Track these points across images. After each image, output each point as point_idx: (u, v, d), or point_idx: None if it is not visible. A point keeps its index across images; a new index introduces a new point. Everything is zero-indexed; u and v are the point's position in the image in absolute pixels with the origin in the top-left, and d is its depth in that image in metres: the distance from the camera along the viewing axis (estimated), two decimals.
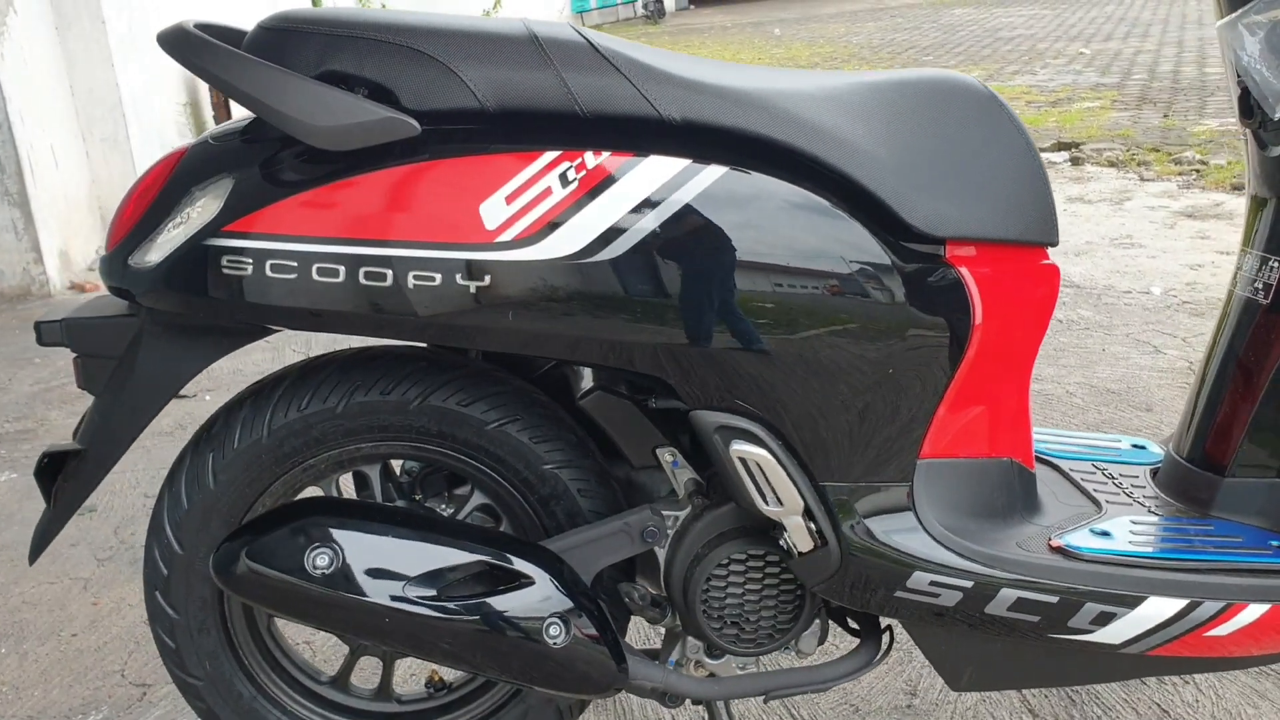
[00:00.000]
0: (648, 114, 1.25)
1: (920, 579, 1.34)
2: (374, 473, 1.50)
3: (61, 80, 5.07)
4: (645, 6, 19.36)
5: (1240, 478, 1.52)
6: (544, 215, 1.22)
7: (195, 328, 1.36)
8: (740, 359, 1.27)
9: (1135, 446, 1.74)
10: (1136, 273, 4.15)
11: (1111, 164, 5.98)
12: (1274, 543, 1.44)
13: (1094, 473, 1.63)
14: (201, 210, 1.27)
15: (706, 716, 1.70)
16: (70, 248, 4.96)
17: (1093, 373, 3.21)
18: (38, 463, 1.41)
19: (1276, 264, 1.49)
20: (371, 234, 1.23)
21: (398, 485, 1.55)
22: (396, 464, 1.56)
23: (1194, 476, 1.57)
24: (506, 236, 1.22)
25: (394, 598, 1.31)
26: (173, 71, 7.05)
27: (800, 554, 1.35)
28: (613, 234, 1.22)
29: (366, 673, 1.71)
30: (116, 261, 1.33)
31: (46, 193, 4.69)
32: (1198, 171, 5.64)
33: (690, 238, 1.23)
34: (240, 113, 1.35)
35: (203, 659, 1.50)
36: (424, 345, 1.52)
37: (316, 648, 2.05)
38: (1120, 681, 1.83)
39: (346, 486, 1.53)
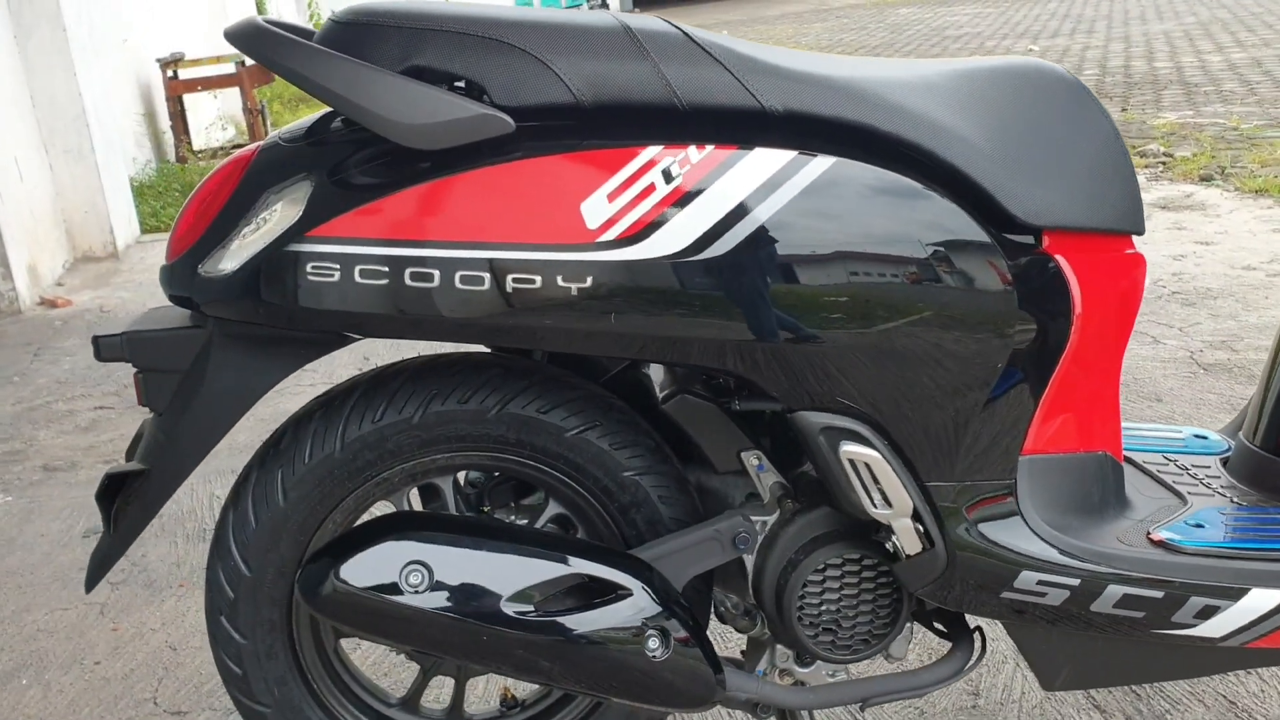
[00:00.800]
0: (750, 106, 1.21)
1: (1028, 578, 1.31)
2: (446, 485, 1.45)
3: (22, 90, 4.93)
4: (590, 8, 19.34)
5: None
6: (648, 213, 1.17)
7: (269, 338, 1.30)
8: (848, 356, 1.23)
9: (1197, 436, 1.72)
10: None
11: None
12: None
13: (1167, 464, 1.61)
14: (279, 215, 1.21)
15: None
16: (38, 262, 4.83)
17: None
18: (100, 485, 1.34)
19: None
20: (467, 236, 1.18)
21: (464, 497, 1.49)
22: (460, 477, 1.51)
23: (1271, 465, 1.55)
24: (609, 236, 1.17)
25: (491, 614, 1.26)
26: (129, 81, 6.91)
27: (907, 556, 1.31)
28: (720, 230, 1.18)
29: (437, 692, 1.65)
30: (183, 270, 1.27)
31: (13, 207, 4.56)
32: (1164, 164, 5.70)
33: (800, 231, 1.19)
34: (200, 118, 1.29)
35: (271, 685, 1.43)
36: (489, 350, 1.48)
37: (380, 668, 1.98)
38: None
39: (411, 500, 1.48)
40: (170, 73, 7.33)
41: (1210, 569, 1.34)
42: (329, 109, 1.29)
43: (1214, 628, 1.35)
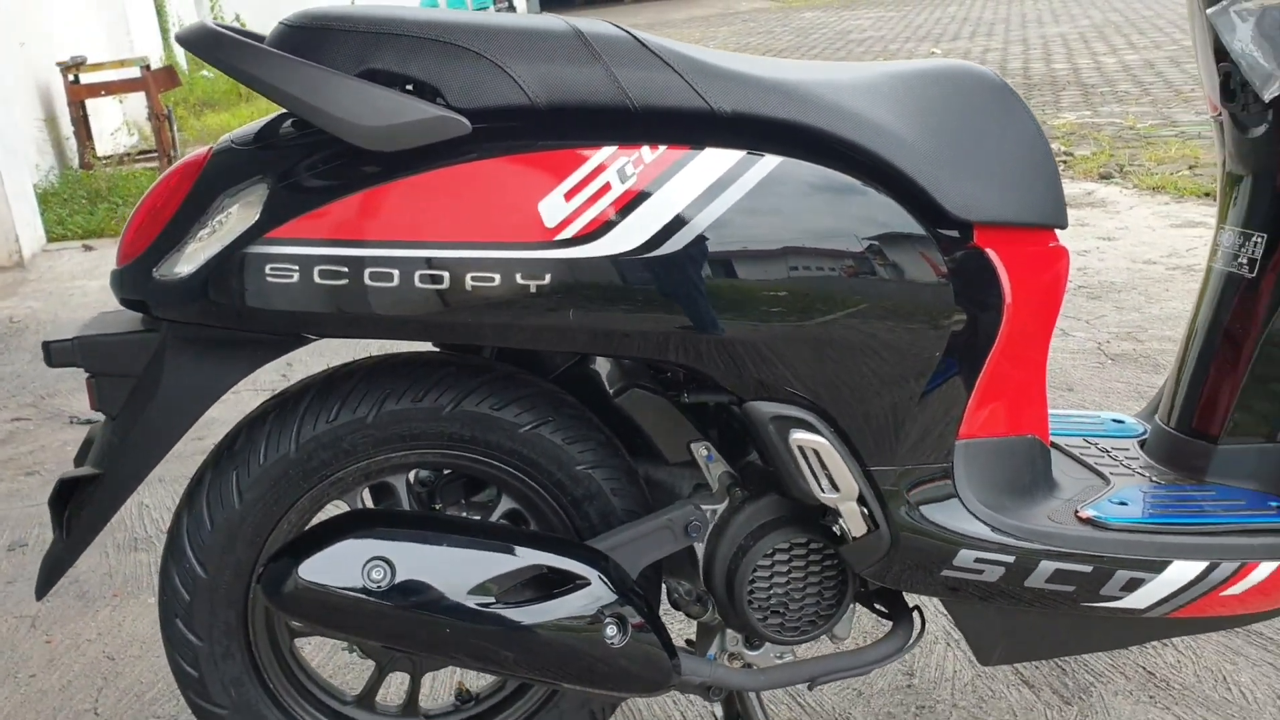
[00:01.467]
0: (699, 107, 1.25)
1: (966, 556, 1.37)
2: (400, 483, 1.46)
3: None
4: (497, 10, 19.29)
5: (1232, 444, 1.59)
6: (604, 211, 1.21)
7: (223, 341, 1.31)
8: (795, 348, 1.28)
9: (1115, 421, 1.81)
10: None
11: None
12: (1273, 503, 1.52)
13: (1088, 447, 1.69)
14: (235, 218, 1.23)
15: (723, 713, 1.72)
16: None
17: None
18: (52, 491, 1.34)
19: (1260, 239, 1.57)
20: (425, 236, 1.20)
21: (416, 496, 1.51)
22: (411, 476, 1.52)
23: (1186, 445, 1.64)
24: (567, 234, 1.21)
25: (454, 607, 1.29)
26: (28, 86, 6.74)
27: (853, 539, 1.37)
28: (674, 227, 1.22)
29: (392, 689, 1.66)
30: (136, 275, 1.27)
31: None
32: (1064, 163, 5.89)
33: (749, 228, 1.24)
34: (103, 124, 1.30)
35: (228, 686, 1.44)
36: (439, 349, 1.50)
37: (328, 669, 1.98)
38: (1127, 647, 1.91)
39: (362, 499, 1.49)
40: (72, 77, 7.17)
41: (1134, 544, 1.42)
42: (278, 113, 1.31)
43: (1139, 599, 1.42)
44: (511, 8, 19.33)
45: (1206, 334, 1.65)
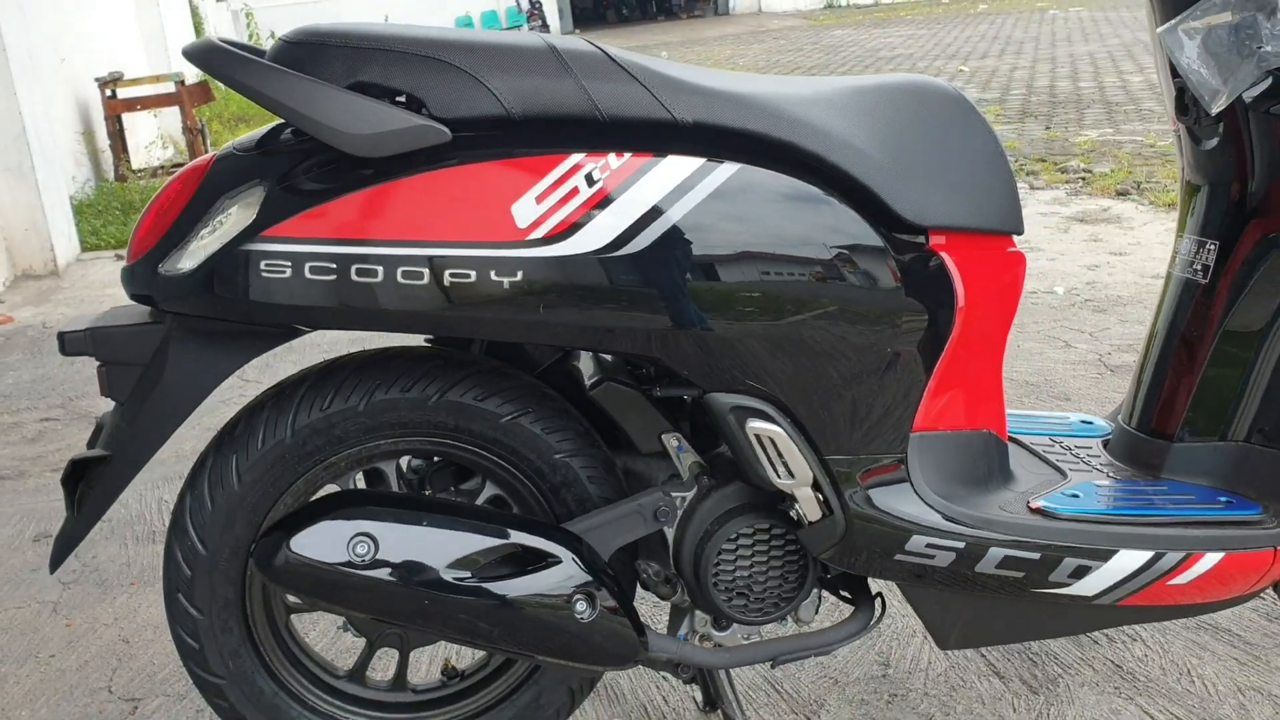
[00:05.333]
0: (663, 118, 1.34)
1: (918, 542, 1.45)
2: (390, 470, 1.56)
3: None
4: (531, 29, 19.48)
5: (1187, 442, 1.66)
6: (572, 213, 1.30)
7: (224, 333, 1.41)
8: (753, 344, 1.37)
9: (1084, 421, 1.88)
10: (1039, 274, 4.36)
11: None
12: (1222, 498, 1.59)
13: (1052, 445, 1.77)
14: (234, 218, 1.33)
15: (701, 697, 1.80)
16: None
17: (1011, 368, 3.39)
18: (64, 470, 1.44)
19: (1212, 246, 1.65)
20: (408, 235, 1.30)
21: (407, 483, 1.61)
22: (404, 463, 1.62)
23: (1144, 444, 1.71)
24: (538, 234, 1.30)
25: (433, 581, 1.38)
26: (67, 100, 6.93)
27: (810, 523, 1.45)
28: (637, 229, 1.31)
29: (383, 664, 1.76)
30: (143, 271, 1.38)
31: None
32: (1083, 179, 5.93)
33: (707, 231, 1.33)
34: (139, 137, 1.40)
35: (226, 657, 1.53)
36: (432, 345, 1.60)
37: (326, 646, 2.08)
38: (1089, 634, 1.98)
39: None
40: (109, 92, 7.36)
41: (1082, 533, 1.49)
42: (278, 122, 1.41)
43: (1087, 586, 1.50)
44: (545, 27, 19.52)
45: (1165, 338, 1.72)
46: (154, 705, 1.98)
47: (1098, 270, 4.39)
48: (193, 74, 7.80)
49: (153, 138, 8.47)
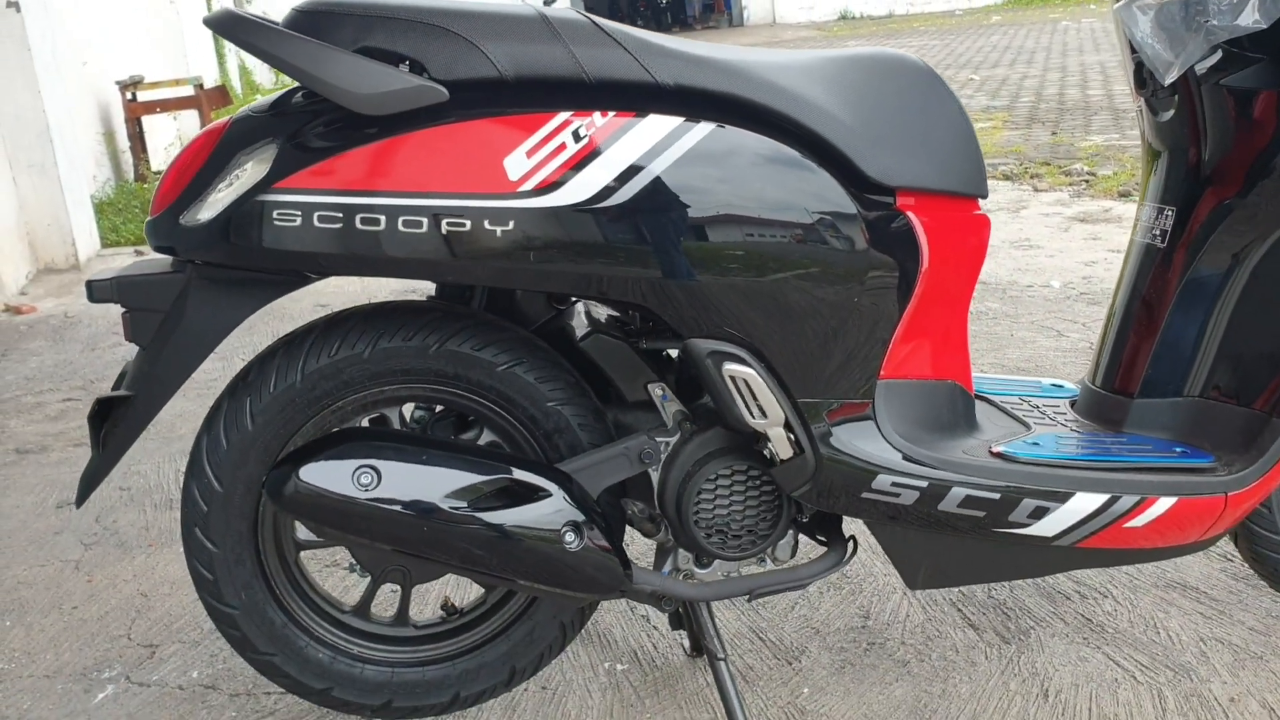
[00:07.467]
0: (645, 80, 1.45)
1: (883, 480, 1.55)
2: (394, 416, 1.67)
3: None
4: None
5: (1146, 398, 1.76)
6: (560, 167, 1.41)
7: (239, 280, 1.52)
8: (727, 292, 1.47)
9: (1054, 384, 1.98)
10: (1037, 270, 4.46)
11: (1006, 177, 6.34)
12: (1177, 448, 1.69)
13: (1021, 403, 1.87)
14: (250, 172, 1.44)
15: (689, 644, 1.90)
16: (2, 273, 5.00)
17: (1003, 355, 3.49)
18: (90, 409, 1.55)
19: (1170, 212, 1.75)
20: (408, 186, 1.41)
21: (410, 430, 1.71)
22: (406, 413, 1.73)
23: (1107, 400, 1.81)
24: (528, 186, 1.41)
25: (431, 509, 1.49)
26: (89, 101, 7.08)
27: (781, 461, 1.55)
28: (619, 182, 1.42)
29: (387, 600, 1.86)
30: (165, 223, 1.49)
31: None
32: (1087, 182, 6.02)
33: (684, 185, 1.44)
34: (158, 139, 1.52)
35: (239, 589, 1.64)
36: (434, 298, 1.71)
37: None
38: (1061, 589, 2.08)
39: None
40: (129, 95, 7.51)
41: (1040, 475, 1.59)
42: (290, 88, 1.52)
43: (1046, 527, 1.59)
44: None
45: (1127, 301, 1.82)
46: (170, 650, 2.09)
47: (1094, 266, 4.48)
48: (211, 78, 7.95)
49: (172, 139, 8.63)
